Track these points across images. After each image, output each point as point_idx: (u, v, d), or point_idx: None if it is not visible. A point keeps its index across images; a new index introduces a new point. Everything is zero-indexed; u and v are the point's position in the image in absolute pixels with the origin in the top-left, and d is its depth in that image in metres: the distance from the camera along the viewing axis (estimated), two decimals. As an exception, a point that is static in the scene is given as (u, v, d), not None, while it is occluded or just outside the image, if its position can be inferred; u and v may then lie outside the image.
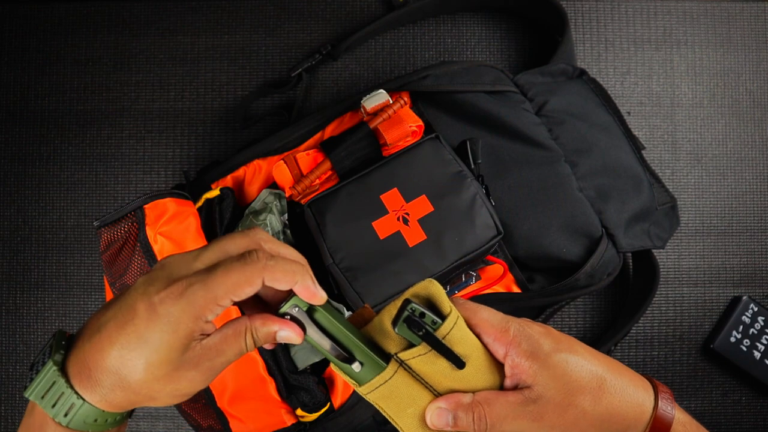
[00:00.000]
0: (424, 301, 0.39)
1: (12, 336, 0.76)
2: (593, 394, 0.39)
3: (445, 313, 0.39)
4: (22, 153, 0.77)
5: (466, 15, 0.79)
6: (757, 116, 0.77)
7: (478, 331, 0.40)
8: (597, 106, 0.68)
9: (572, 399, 0.38)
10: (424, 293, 0.39)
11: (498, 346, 0.39)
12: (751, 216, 0.76)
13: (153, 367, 0.34)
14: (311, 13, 0.78)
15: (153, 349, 0.34)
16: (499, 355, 0.40)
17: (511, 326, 0.40)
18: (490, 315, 0.40)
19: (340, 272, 0.58)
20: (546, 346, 0.39)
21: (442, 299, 0.39)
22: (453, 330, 0.38)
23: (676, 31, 0.78)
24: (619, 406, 0.39)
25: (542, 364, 0.38)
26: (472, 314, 0.40)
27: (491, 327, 0.40)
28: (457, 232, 0.59)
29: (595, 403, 0.38)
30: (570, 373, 0.39)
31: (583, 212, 0.63)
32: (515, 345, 0.39)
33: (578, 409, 0.38)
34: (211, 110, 0.77)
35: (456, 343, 0.39)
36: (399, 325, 0.38)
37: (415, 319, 0.38)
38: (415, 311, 0.38)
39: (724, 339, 0.72)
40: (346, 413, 0.61)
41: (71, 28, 0.78)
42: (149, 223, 0.58)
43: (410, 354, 0.39)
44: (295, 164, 0.62)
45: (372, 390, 0.40)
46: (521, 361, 0.39)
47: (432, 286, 0.39)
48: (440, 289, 0.39)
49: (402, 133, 0.62)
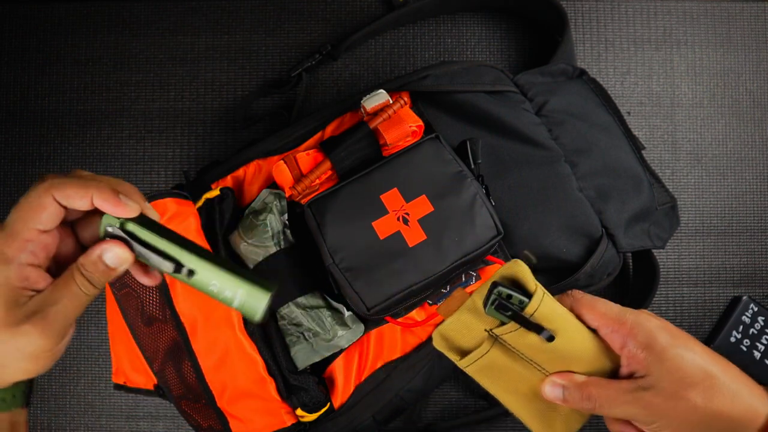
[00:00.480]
0: (510, 282, 0.43)
1: (12, 336, 0.75)
2: (705, 390, 0.40)
3: (531, 291, 0.42)
4: (22, 153, 0.77)
5: (466, 15, 0.79)
6: (757, 116, 0.77)
7: (597, 323, 0.42)
8: (597, 106, 0.68)
9: (684, 392, 0.40)
10: (509, 274, 0.43)
11: (615, 337, 0.42)
12: (751, 216, 0.76)
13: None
14: (311, 13, 0.78)
15: None
16: (615, 345, 0.42)
17: (629, 318, 0.42)
18: (607, 308, 0.43)
19: (340, 272, 0.58)
20: (662, 340, 0.41)
21: (527, 278, 0.43)
22: (540, 307, 0.42)
23: (676, 31, 0.78)
24: (731, 407, 0.40)
25: (658, 356, 0.40)
26: (590, 307, 0.43)
27: (609, 319, 0.42)
28: (457, 232, 0.59)
29: (707, 400, 0.40)
30: (684, 368, 0.40)
31: (583, 212, 0.63)
32: (632, 336, 0.41)
33: (689, 403, 0.39)
34: (211, 110, 0.77)
35: (543, 318, 0.42)
36: (488, 308, 0.42)
37: (503, 301, 0.42)
38: (501, 294, 0.42)
39: (724, 339, 0.72)
40: (346, 413, 0.61)
41: (71, 28, 0.78)
42: (149, 223, 0.58)
43: (503, 330, 0.43)
44: (295, 164, 0.62)
45: (471, 363, 0.44)
46: (637, 351, 0.41)
47: (516, 266, 0.43)
48: (525, 269, 0.43)
49: (402, 133, 0.62)
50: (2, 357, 0.34)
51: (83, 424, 0.74)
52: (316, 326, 0.60)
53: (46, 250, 0.36)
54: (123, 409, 0.74)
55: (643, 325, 0.41)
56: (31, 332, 0.34)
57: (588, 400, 0.41)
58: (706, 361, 0.41)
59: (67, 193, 0.35)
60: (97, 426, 0.74)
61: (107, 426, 0.74)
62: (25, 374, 0.36)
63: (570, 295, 0.44)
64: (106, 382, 0.74)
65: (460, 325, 0.45)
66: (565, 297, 0.44)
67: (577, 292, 0.44)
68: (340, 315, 0.61)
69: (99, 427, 0.74)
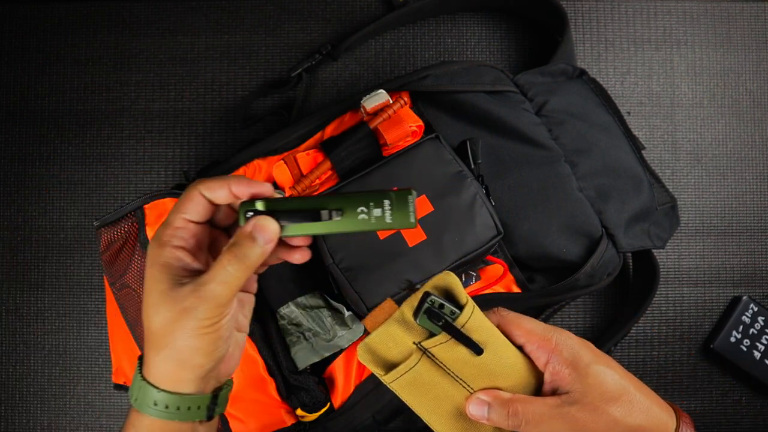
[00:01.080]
0: (442, 292, 0.42)
1: (12, 336, 0.76)
2: (625, 405, 0.42)
3: (462, 303, 0.41)
4: (22, 153, 0.77)
5: (466, 15, 0.79)
6: (757, 116, 0.77)
7: (523, 340, 0.43)
8: (597, 106, 0.68)
9: (606, 407, 0.41)
10: (442, 284, 0.42)
11: (540, 354, 0.43)
12: (751, 216, 0.76)
13: (155, 305, 0.37)
14: (311, 13, 0.78)
15: (149, 291, 0.38)
16: (540, 362, 0.43)
17: (554, 336, 0.43)
18: (533, 325, 0.43)
19: (340, 272, 0.58)
20: (586, 357, 0.42)
21: (458, 290, 0.42)
22: (470, 319, 0.41)
23: (676, 31, 0.78)
24: (646, 420, 0.42)
25: (582, 372, 0.42)
26: (516, 324, 0.43)
27: (535, 336, 0.43)
28: (457, 232, 0.59)
29: (626, 414, 0.42)
30: (606, 384, 0.42)
31: (583, 212, 0.63)
32: (557, 353, 0.42)
33: (611, 417, 0.41)
34: (211, 110, 0.77)
35: (474, 331, 0.41)
36: (420, 317, 0.41)
37: (435, 310, 0.41)
38: (434, 303, 0.41)
39: (724, 339, 0.72)
40: (346, 413, 0.61)
41: (71, 28, 0.78)
42: (149, 223, 0.58)
43: (432, 342, 0.41)
44: (295, 164, 0.62)
45: (397, 378, 0.42)
46: (562, 368, 0.42)
47: (449, 277, 0.42)
48: (456, 281, 0.42)
49: (402, 133, 0.62)
50: (179, 334, 0.37)
51: (83, 424, 0.74)
52: (316, 326, 0.60)
53: (195, 238, 0.40)
54: (123, 409, 0.74)
55: (567, 343, 0.42)
56: (198, 306, 0.37)
57: (514, 416, 0.41)
58: (623, 379, 0.43)
59: (209, 186, 0.39)
60: (97, 426, 0.74)
61: (107, 426, 0.74)
62: (200, 368, 0.38)
63: (497, 313, 0.44)
64: (106, 382, 0.74)
65: (387, 338, 0.43)
66: (492, 314, 0.44)
67: (503, 310, 0.44)
68: (340, 315, 0.61)
69: (99, 427, 0.74)
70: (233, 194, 0.39)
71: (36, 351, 0.75)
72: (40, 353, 0.75)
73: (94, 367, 0.75)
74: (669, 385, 0.74)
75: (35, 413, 0.75)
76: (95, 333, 0.75)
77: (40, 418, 0.75)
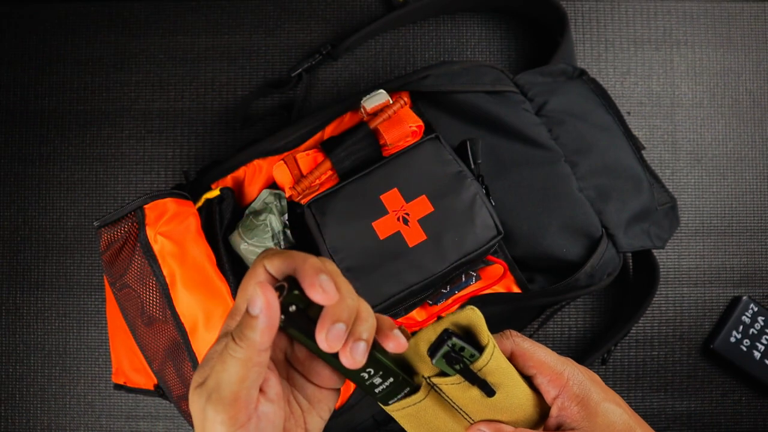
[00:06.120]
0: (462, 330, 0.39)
1: (12, 336, 0.76)
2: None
3: (483, 344, 0.38)
4: (22, 153, 0.77)
5: (466, 15, 0.79)
6: (757, 116, 0.77)
7: (534, 371, 0.42)
8: (597, 106, 0.68)
9: None
10: (464, 323, 0.38)
11: (551, 387, 0.41)
12: (751, 216, 0.76)
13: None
14: (311, 13, 0.78)
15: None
16: (549, 395, 0.42)
17: (565, 370, 0.41)
18: (546, 357, 0.42)
19: (341, 272, 0.58)
20: (595, 395, 0.41)
21: (481, 329, 0.39)
22: (489, 362, 0.39)
23: (676, 31, 0.78)
24: None
25: (591, 411, 0.41)
26: (530, 354, 0.42)
27: (547, 369, 0.41)
28: (457, 233, 0.59)
29: None
30: (614, 423, 0.41)
31: (583, 212, 0.63)
32: (567, 389, 0.41)
33: None
34: (211, 110, 0.77)
35: (490, 372, 0.39)
36: (437, 359, 0.37)
37: (454, 355, 0.37)
38: (455, 346, 0.37)
39: (724, 339, 0.72)
40: (346, 413, 0.61)
41: (71, 28, 0.78)
42: (149, 223, 0.58)
43: (444, 381, 0.39)
44: (295, 164, 0.62)
45: (401, 409, 0.40)
46: (571, 405, 0.41)
47: (474, 315, 0.38)
48: (481, 319, 0.39)
49: (402, 133, 0.62)
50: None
51: (83, 424, 0.74)
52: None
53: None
54: (123, 409, 0.74)
55: (578, 378, 0.41)
56: (207, 409, 0.33)
57: None
58: (630, 418, 0.42)
59: (273, 262, 0.33)
60: (97, 426, 0.74)
61: (107, 426, 0.74)
62: None
63: (510, 338, 0.42)
64: (106, 382, 0.74)
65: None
66: (505, 339, 0.42)
67: (516, 335, 0.42)
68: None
69: (99, 427, 0.74)
70: (295, 282, 0.33)
71: (36, 351, 0.75)
72: (40, 353, 0.75)
73: (94, 367, 0.75)
74: (669, 385, 0.74)
75: (35, 413, 0.75)
76: (95, 333, 0.75)
77: (40, 418, 0.75)
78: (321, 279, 0.31)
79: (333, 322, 0.32)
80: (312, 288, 0.31)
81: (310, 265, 0.32)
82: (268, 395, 0.34)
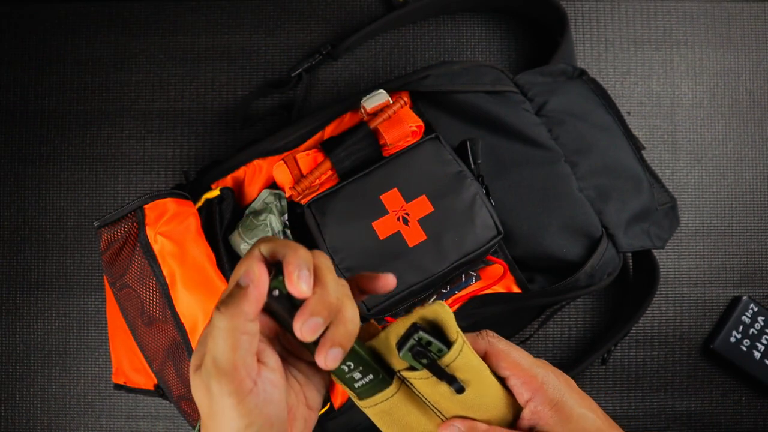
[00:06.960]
0: (431, 325, 0.39)
1: (12, 336, 0.76)
2: None
3: (452, 340, 0.38)
4: (22, 153, 0.77)
5: (466, 15, 0.79)
6: (757, 116, 0.77)
7: (508, 372, 0.41)
8: (597, 106, 0.68)
9: None
10: (432, 317, 0.39)
11: (524, 390, 0.41)
12: (751, 216, 0.76)
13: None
14: (311, 13, 0.78)
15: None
16: (522, 398, 0.41)
17: (540, 373, 0.41)
18: (521, 358, 0.41)
19: (340, 272, 0.58)
20: (570, 400, 0.41)
21: (449, 325, 0.39)
22: (458, 358, 0.39)
23: (676, 31, 0.78)
24: None
25: (565, 416, 0.40)
26: (504, 355, 0.41)
27: (521, 371, 0.41)
28: (457, 233, 0.59)
29: None
30: (587, 429, 0.41)
31: (583, 212, 0.63)
32: (541, 392, 0.41)
33: None
34: (211, 110, 0.77)
35: (458, 369, 0.39)
36: (404, 353, 0.38)
37: (421, 349, 0.38)
38: (421, 340, 0.38)
39: (724, 339, 0.72)
40: (346, 413, 0.61)
41: (71, 28, 0.78)
42: (149, 223, 0.58)
43: (413, 375, 0.39)
44: (295, 164, 0.62)
45: (374, 405, 0.40)
46: (545, 409, 0.40)
47: (442, 310, 0.39)
48: (449, 315, 0.39)
49: (402, 133, 0.62)
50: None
51: (83, 424, 0.74)
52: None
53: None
54: (123, 409, 0.74)
55: (552, 383, 0.41)
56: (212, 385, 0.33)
57: None
58: (603, 424, 0.42)
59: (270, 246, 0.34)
60: (97, 426, 0.74)
61: (107, 426, 0.74)
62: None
63: (485, 338, 0.42)
64: (106, 382, 0.74)
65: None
66: (480, 338, 0.42)
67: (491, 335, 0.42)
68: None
69: (99, 427, 0.74)
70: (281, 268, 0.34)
71: (36, 351, 0.75)
72: (40, 353, 0.75)
73: (94, 367, 0.75)
74: (669, 385, 0.74)
75: (35, 413, 0.75)
76: (95, 333, 0.75)
77: (40, 418, 0.75)
78: (301, 272, 0.33)
79: (310, 314, 0.32)
80: (289, 278, 0.32)
81: (297, 256, 0.33)
82: (269, 364, 0.35)
